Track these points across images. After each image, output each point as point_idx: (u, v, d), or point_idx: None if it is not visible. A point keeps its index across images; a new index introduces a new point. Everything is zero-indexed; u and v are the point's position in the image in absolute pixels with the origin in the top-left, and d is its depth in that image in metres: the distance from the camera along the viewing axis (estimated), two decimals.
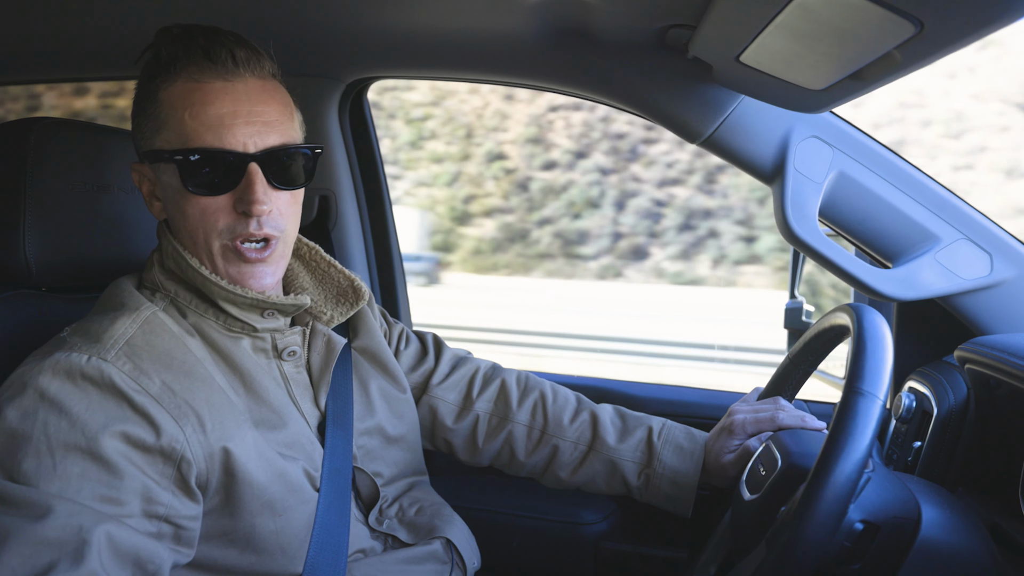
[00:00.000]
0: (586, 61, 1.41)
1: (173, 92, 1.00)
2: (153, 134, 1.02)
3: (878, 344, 0.92)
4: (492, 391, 1.43)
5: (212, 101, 0.99)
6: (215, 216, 1.00)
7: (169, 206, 1.04)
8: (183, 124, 0.99)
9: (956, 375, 1.28)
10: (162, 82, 1.01)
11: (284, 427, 1.07)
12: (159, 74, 1.01)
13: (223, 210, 1.00)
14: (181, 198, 1.01)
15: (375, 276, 2.03)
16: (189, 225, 1.02)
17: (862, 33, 0.84)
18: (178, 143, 0.99)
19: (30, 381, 0.90)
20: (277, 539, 1.02)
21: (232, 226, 1.01)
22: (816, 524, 0.84)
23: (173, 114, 1.00)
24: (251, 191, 0.99)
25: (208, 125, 0.98)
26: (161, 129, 1.01)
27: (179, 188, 1.00)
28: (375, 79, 1.82)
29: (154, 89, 1.01)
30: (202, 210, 1.00)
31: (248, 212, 0.99)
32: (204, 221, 1.00)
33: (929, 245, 1.33)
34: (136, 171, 1.07)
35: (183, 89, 1.00)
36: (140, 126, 1.04)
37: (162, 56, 1.01)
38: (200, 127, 0.98)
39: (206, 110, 0.99)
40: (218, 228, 1.01)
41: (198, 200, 1.00)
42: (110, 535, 0.84)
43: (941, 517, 0.96)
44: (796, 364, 1.30)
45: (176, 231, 1.06)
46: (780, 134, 1.34)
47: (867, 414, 0.86)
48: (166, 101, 1.00)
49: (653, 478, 1.33)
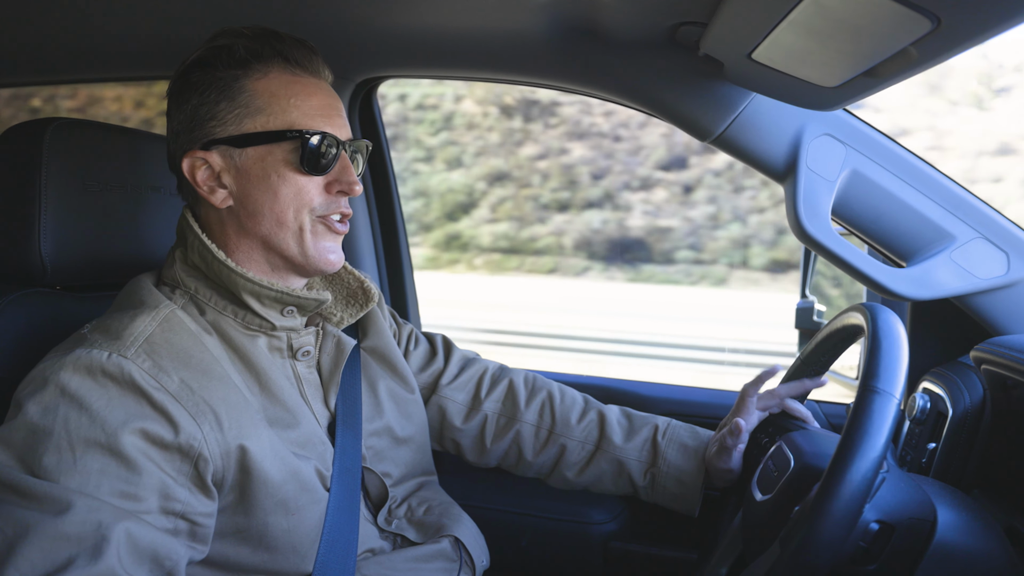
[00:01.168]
0: (596, 59, 1.40)
1: (270, 82, 1.05)
2: (240, 120, 1.04)
3: (894, 343, 0.91)
4: (500, 391, 1.43)
5: (313, 93, 1.08)
6: (309, 194, 1.07)
7: (250, 189, 1.06)
8: (288, 110, 1.05)
9: (972, 376, 1.27)
10: (249, 73, 1.05)
11: (297, 426, 1.08)
12: (241, 66, 1.05)
13: (316, 189, 1.07)
14: (278, 178, 1.05)
15: (384, 276, 2.03)
16: (279, 205, 1.05)
17: (877, 29, 0.83)
18: (284, 125, 1.04)
19: (51, 377, 0.91)
20: (289, 538, 1.02)
21: (325, 204, 1.08)
22: (831, 523, 0.83)
23: (275, 101, 1.05)
24: (349, 173, 1.09)
25: (312, 114, 1.06)
26: (256, 114, 1.04)
27: (279, 167, 1.05)
28: (385, 78, 1.82)
29: (235, 79, 1.05)
30: (298, 189, 1.06)
31: (347, 191, 1.09)
32: (298, 199, 1.06)
33: (944, 244, 1.31)
34: (194, 159, 1.06)
35: (281, 80, 1.06)
36: (212, 115, 1.05)
37: (239, 52, 1.04)
38: (305, 114, 1.05)
39: (309, 100, 1.07)
40: (312, 205, 1.07)
41: (297, 179, 1.05)
42: (129, 531, 0.85)
43: (957, 519, 0.95)
44: (807, 365, 1.29)
45: (248, 215, 1.06)
46: (792, 132, 1.33)
47: (883, 413, 0.85)
48: (262, 90, 1.05)
49: (658, 477, 1.33)
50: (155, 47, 1.65)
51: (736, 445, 1.27)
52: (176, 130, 1.08)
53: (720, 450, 1.29)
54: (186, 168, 1.06)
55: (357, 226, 1.93)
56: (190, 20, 1.49)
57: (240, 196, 1.06)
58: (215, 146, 1.05)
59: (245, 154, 1.05)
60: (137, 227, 1.25)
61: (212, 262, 1.05)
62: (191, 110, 1.05)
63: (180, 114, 1.07)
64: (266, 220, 1.06)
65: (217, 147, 1.05)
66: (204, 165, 1.06)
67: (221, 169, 1.06)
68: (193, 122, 1.06)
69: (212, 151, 1.05)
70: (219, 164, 1.06)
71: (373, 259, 1.99)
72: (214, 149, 1.05)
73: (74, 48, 1.70)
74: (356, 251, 1.94)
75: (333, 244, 1.11)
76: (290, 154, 1.04)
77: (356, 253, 1.94)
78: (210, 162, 1.05)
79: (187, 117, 1.06)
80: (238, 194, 1.06)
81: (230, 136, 1.05)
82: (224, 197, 1.06)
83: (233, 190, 1.06)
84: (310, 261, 1.09)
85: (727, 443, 1.28)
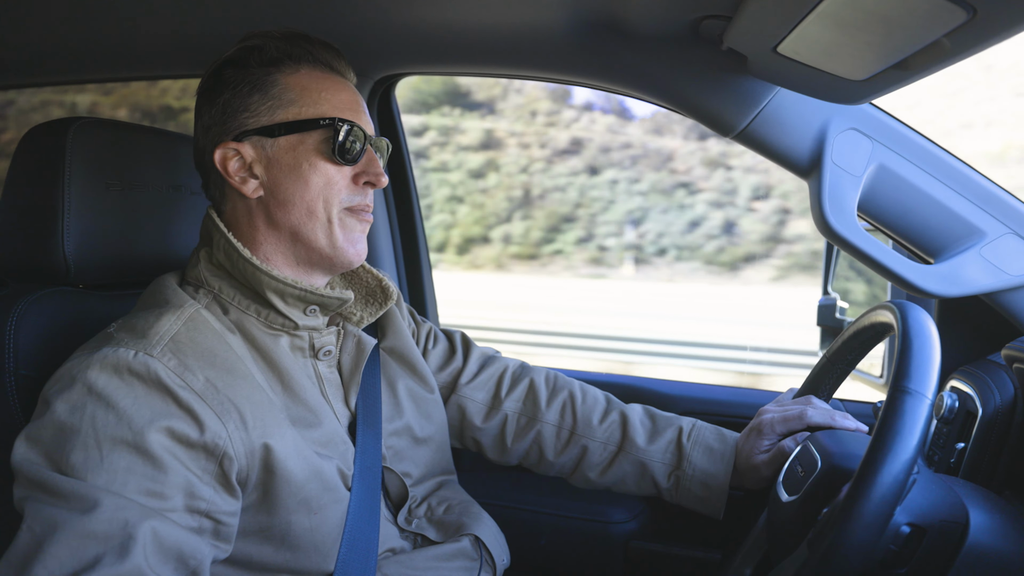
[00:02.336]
0: (617, 54, 1.39)
1: (301, 78, 1.09)
2: (273, 111, 1.07)
3: (925, 341, 0.90)
4: (521, 390, 1.42)
5: (341, 90, 1.11)
6: (338, 185, 1.09)
7: (281, 178, 1.07)
8: (319, 103, 1.08)
9: (1002, 374, 1.24)
10: (282, 68, 1.08)
11: (319, 426, 1.08)
12: (273, 63, 1.08)
13: (344, 180, 1.10)
14: (309, 167, 1.07)
15: (403, 274, 2.03)
16: (310, 194, 1.07)
17: (910, 20, 0.81)
18: (315, 115, 1.07)
19: (79, 375, 0.91)
20: (311, 537, 1.02)
21: (351, 195, 1.11)
22: (861, 526, 0.81)
23: (306, 93, 1.08)
24: (376, 165, 1.12)
25: (342, 107, 1.09)
26: (289, 105, 1.07)
27: (311, 156, 1.07)
28: (403, 75, 1.81)
29: (267, 74, 1.08)
30: (328, 179, 1.08)
31: (374, 183, 1.12)
32: (328, 189, 1.08)
33: (974, 240, 1.29)
34: (226, 150, 1.07)
35: (312, 76, 1.10)
36: (245, 107, 1.07)
37: (271, 51, 1.08)
38: (336, 107, 1.09)
39: (339, 95, 1.10)
40: (340, 196, 1.09)
41: (327, 168, 1.08)
42: (155, 530, 0.85)
43: (989, 521, 0.93)
44: (833, 363, 1.27)
45: (278, 204, 1.07)
46: (817, 127, 1.31)
47: (915, 413, 0.84)
48: (294, 83, 1.08)
49: (683, 480, 1.31)
50: (176, 47, 1.66)
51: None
52: (207, 124, 1.09)
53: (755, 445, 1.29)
54: (218, 159, 1.07)
55: (376, 224, 1.93)
56: (209, 20, 1.49)
57: (271, 186, 1.07)
58: (247, 137, 1.07)
59: (277, 144, 1.06)
60: (159, 226, 1.26)
61: (237, 260, 1.05)
62: (223, 104, 1.07)
63: (212, 108, 1.08)
64: (296, 210, 1.07)
65: (249, 138, 1.07)
66: (236, 156, 1.07)
67: (253, 160, 1.07)
68: (225, 115, 1.07)
69: (244, 142, 1.07)
70: (251, 155, 1.07)
71: (392, 257, 1.98)
72: (246, 140, 1.07)
73: (96, 48, 1.71)
74: (375, 249, 1.94)
75: (360, 235, 1.13)
76: (321, 143, 1.07)
77: (375, 251, 1.94)
78: (242, 153, 1.07)
79: (219, 111, 1.08)
80: (269, 184, 1.07)
81: (263, 126, 1.06)
82: (255, 187, 1.08)
83: (264, 180, 1.07)
84: (337, 252, 1.10)
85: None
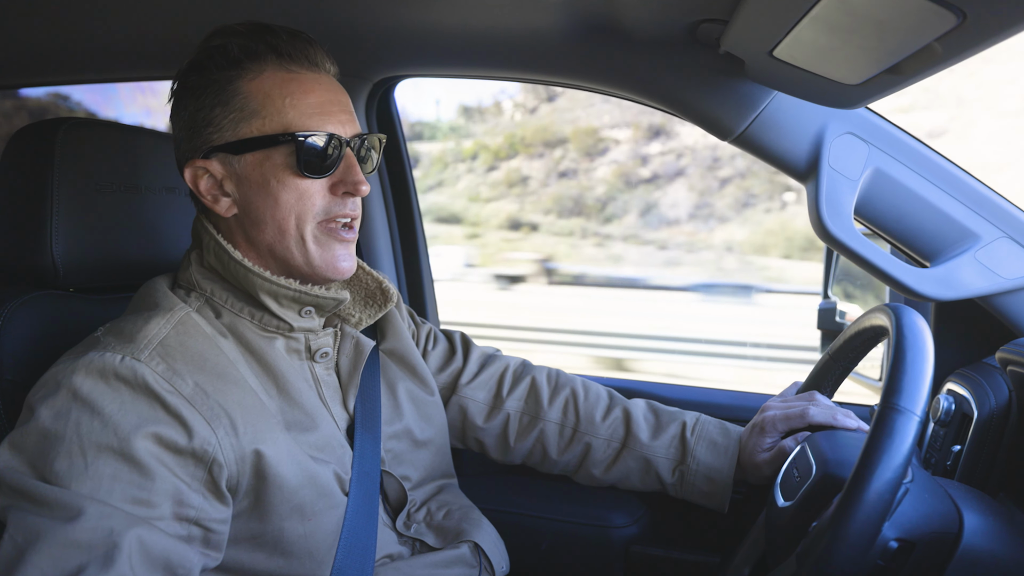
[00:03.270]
0: (615, 57, 1.39)
1: (263, 82, 1.02)
2: (236, 125, 1.01)
3: (918, 353, 0.89)
4: (522, 389, 1.42)
5: (310, 90, 1.03)
6: (312, 199, 1.03)
7: (251, 196, 1.03)
8: (283, 111, 1.01)
9: (997, 377, 1.24)
10: (243, 73, 1.02)
11: (315, 429, 1.07)
12: (235, 67, 1.02)
13: (319, 192, 1.04)
14: (277, 184, 1.01)
15: (402, 275, 2.03)
16: (280, 212, 1.02)
17: (902, 25, 0.81)
18: (279, 128, 1.01)
19: (63, 380, 0.90)
20: (305, 543, 1.01)
21: (328, 207, 1.04)
22: (847, 545, 0.82)
23: (269, 102, 1.01)
24: (354, 172, 1.04)
25: (309, 112, 1.02)
26: (251, 118, 1.01)
27: (278, 172, 1.01)
28: (402, 77, 1.82)
29: (229, 81, 1.02)
30: (300, 193, 1.02)
31: (352, 192, 1.05)
32: (300, 204, 1.02)
33: (969, 243, 1.29)
34: (195, 168, 1.04)
35: (275, 79, 1.02)
36: (208, 121, 1.02)
37: (233, 51, 1.01)
38: (302, 114, 1.01)
39: (306, 98, 1.02)
40: (314, 210, 1.04)
41: (297, 183, 1.02)
42: (141, 539, 0.84)
43: (984, 524, 0.93)
44: (836, 360, 1.27)
45: (251, 223, 1.04)
46: (814, 130, 1.31)
47: (903, 433, 0.83)
48: (256, 91, 1.01)
49: (687, 475, 1.32)
50: (175, 47, 1.65)
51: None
52: (178, 137, 1.07)
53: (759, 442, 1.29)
54: (188, 178, 1.05)
55: (374, 225, 1.93)
56: (208, 21, 1.49)
57: (243, 204, 1.04)
58: (215, 154, 1.03)
59: (243, 160, 1.02)
60: (150, 228, 1.25)
61: (229, 263, 1.04)
62: (189, 117, 1.04)
63: (180, 120, 1.05)
64: (269, 228, 1.03)
65: (216, 155, 1.03)
66: (206, 174, 1.04)
67: (223, 177, 1.04)
68: (192, 130, 1.04)
69: (212, 159, 1.03)
70: (220, 172, 1.04)
71: (391, 258, 1.98)
72: (214, 157, 1.03)
73: (92, 48, 1.70)
74: (374, 251, 1.94)
75: (343, 251, 1.07)
76: (288, 158, 1.01)
77: (374, 253, 1.94)
78: (211, 171, 1.04)
79: (186, 124, 1.04)
80: (241, 202, 1.04)
81: (227, 143, 1.02)
82: (228, 206, 1.05)
83: (236, 198, 1.04)
84: (316, 271, 1.06)
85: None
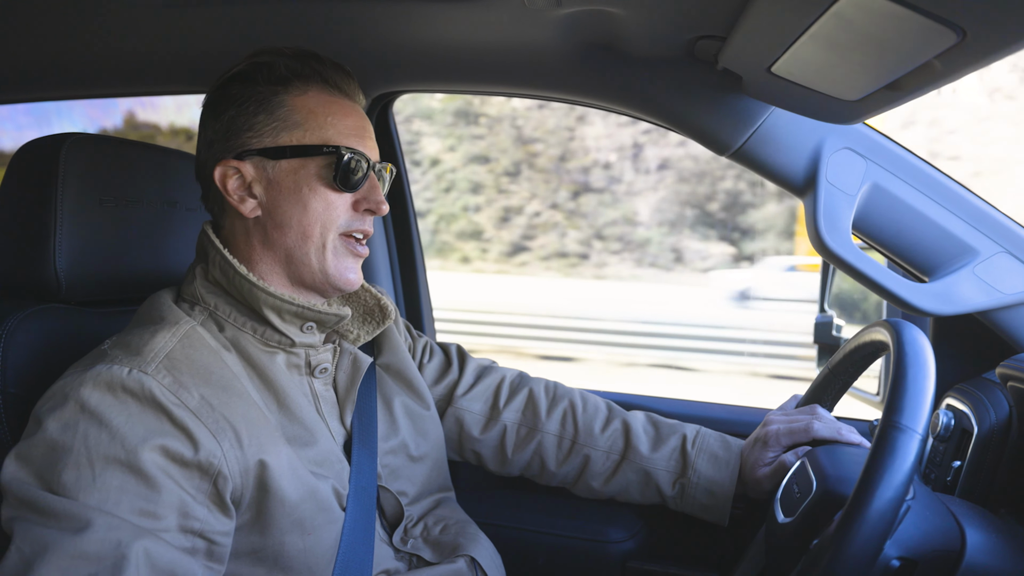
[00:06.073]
0: (613, 73, 1.40)
1: (308, 100, 1.09)
2: (277, 132, 1.07)
3: (919, 372, 0.89)
4: (520, 400, 1.42)
5: (348, 114, 1.11)
6: (338, 211, 1.09)
7: (280, 200, 1.07)
8: (324, 127, 1.08)
9: (997, 392, 1.24)
10: (290, 89, 1.08)
11: (315, 444, 1.07)
12: (282, 83, 1.08)
13: (344, 206, 1.10)
14: (309, 191, 1.06)
15: (399, 289, 2.03)
16: (308, 219, 1.07)
17: (901, 42, 0.81)
18: (319, 141, 1.07)
19: (71, 393, 0.91)
20: (305, 558, 1.02)
21: (349, 221, 1.11)
22: (849, 563, 0.82)
23: (312, 117, 1.08)
24: (377, 192, 1.12)
25: (347, 133, 1.09)
26: (293, 128, 1.07)
27: (311, 181, 1.06)
28: (401, 93, 1.82)
29: (274, 94, 1.07)
30: (328, 204, 1.08)
31: (374, 210, 1.12)
32: (327, 214, 1.08)
33: (967, 258, 1.29)
34: (226, 167, 1.07)
35: (320, 99, 1.09)
36: (250, 126, 1.07)
37: (280, 69, 1.08)
38: (340, 133, 1.09)
39: (345, 120, 1.10)
40: (338, 222, 1.09)
41: (327, 194, 1.08)
42: (148, 550, 0.84)
43: (987, 542, 0.92)
44: (836, 374, 1.27)
45: (275, 225, 1.07)
46: (812, 146, 1.31)
47: (905, 451, 0.83)
48: (300, 106, 1.08)
49: (688, 488, 1.31)
50: (179, 64, 1.66)
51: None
52: (210, 139, 1.09)
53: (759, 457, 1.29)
54: (218, 176, 1.07)
55: (373, 241, 1.93)
56: (212, 38, 1.50)
57: (269, 207, 1.07)
58: (249, 156, 1.07)
59: (278, 166, 1.06)
60: (153, 242, 1.25)
61: (234, 277, 1.05)
62: (228, 120, 1.07)
63: (216, 123, 1.08)
64: (292, 232, 1.07)
65: (251, 158, 1.07)
66: (236, 174, 1.07)
67: (253, 179, 1.07)
68: (229, 132, 1.07)
69: (246, 161, 1.07)
70: (251, 174, 1.07)
71: (388, 271, 1.98)
72: (248, 159, 1.07)
73: (96, 63, 1.71)
74: (372, 266, 1.94)
75: (354, 264, 1.12)
76: (323, 169, 1.06)
77: (372, 268, 1.94)
78: (242, 171, 1.07)
79: (223, 127, 1.07)
80: (267, 205, 1.07)
81: (265, 148, 1.06)
82: (253, 207, 1.08)
83: (263, 200, 1.07)
84: (329, 278, 1.09)
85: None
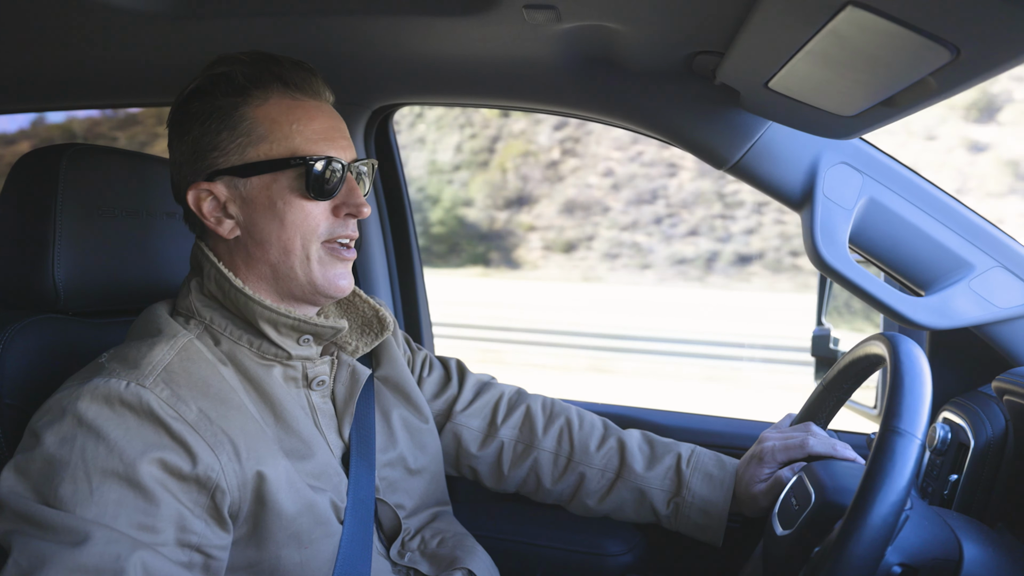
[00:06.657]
0: (612, 88, 1.41)
1: (270, 109, 1.05)
2: (243, 149, 1.04)
3: (916, 378, 0.89)
4: (517, 417, 1.42)
5: (314, 117, 1.07)
6: (316, 220, 1.06)
7: (256, 217, 1.05)
8: (290, 136, 1.04)
9: (993, 406, 1.25)
10: (248, 100, 1.04)
11: (312, 457, 1.07)
12: (240, 94, 1.04)
13: (323, 214, 1.07)
14: (284, 205, 1.04)
15: (399, 302, 2.03)
16: (286, 233, 1.05)
17: (896, 60, 0.82)
18: (287, 152, 1.04)
19: (68, 406, 0.90)
20: (301, 572, 1.01)
21: (331, 228, 1.08)
22: (852, 569, 0.81)
23: (276, 127, 1.04)
24: (356, 195, 1.09)
25: (314, 138, 1.05)
26: (259, 142, 1.04)
27: (285, 194, 1.04)
28: (400, 105, 1.83)
29: (235, 108, 1.04)
30: (306, 215, 1.05)
31: (355, 214, 1.09)
32: (305, 225, 1.05)
33: (963, 273, 1.30)
34: (199, 191, 1.05)
35: (281, 106, 1.05)
36: (214, 145, 1.04)
37: (238, 79, 1.04)
38: (308, 139, 1.05)
39: (311, 124, 1.06)
40: (319, 231, 1.07)
41: (303, 205, 1.05)
42: (145, 564, 0.84)
43: (984, 555, 0.92)
44: (830, 391, 1.27)
45: (255, 244, 1.06)
46: (808, 160, 1.32)
47: (905, 455, 0.83)
48: (263, 117, 1.04)
49: (682, 507, 1.31)
50: (181, 77, 1.66)
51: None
52: (179, 161, 1.08)
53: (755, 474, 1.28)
54: (191, 200, 1.06)
55: (371, 252, 1.94)
56: (204, 52, 1.50)
57: (247, 225, 1.06)
58: (219, 177, 1.05)
59: (250, 183, 1.04)
60: (151, 254, 1.25)
61: (229, 290, 1.05)
62: (192, 141, 1.05)
63: (182, 145, 1.06)
64: (273, 248, 1.05)
65: (221, 177, 1.05)
66: (209, 196, 1.05)
67: (227, 199, 1.05)
68: (196, 153, 1.05)
69: (216, 182, 1.05)
70: (224, 194, 1.05)
71: (387, 283, 1.99)
72: (218, 180, 1.05)
73: (110, 74, 1.71)
74: (370, 277, 1.94)
75: (343, 270, 1.10)
76: (295, 180, 1.04)
77: (370, 279, 1.94)
78: (215, 193, 1.05)
79: (189, 148, 1.05)
80: (245, 224, 1.06)
81: (233, 166, 1.04)
82: (231, 227, 1.06)
83: (240, 220, 1.06)
84: (318, 288, 1.08)
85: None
